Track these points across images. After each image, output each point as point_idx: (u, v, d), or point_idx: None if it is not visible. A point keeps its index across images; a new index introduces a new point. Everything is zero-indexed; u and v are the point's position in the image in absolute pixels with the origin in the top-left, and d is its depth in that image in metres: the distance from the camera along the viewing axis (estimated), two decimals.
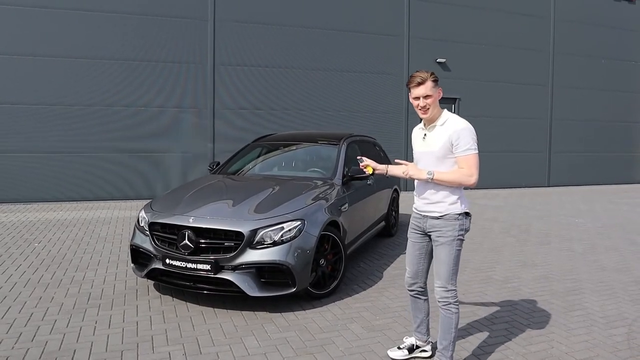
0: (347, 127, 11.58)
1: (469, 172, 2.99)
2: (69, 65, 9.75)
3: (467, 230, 3.13)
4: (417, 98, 3.07)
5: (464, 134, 2.99)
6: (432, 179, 3.03)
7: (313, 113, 11.62)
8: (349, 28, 11.83)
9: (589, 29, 14.67)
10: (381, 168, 3.31)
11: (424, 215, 3.19)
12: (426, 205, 3.17)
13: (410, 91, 3.11)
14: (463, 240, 3.12)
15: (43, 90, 9.63)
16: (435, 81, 3.07)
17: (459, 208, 3.08)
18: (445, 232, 3.08)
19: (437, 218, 3.11)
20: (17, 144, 9.52)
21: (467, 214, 3.12)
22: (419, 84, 3.04)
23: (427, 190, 3.14)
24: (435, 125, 3.12)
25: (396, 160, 3.37)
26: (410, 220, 3.34)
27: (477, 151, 3.01)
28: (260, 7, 11.01)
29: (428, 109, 3.06)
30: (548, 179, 14.47)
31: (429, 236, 3.19)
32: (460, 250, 3.10)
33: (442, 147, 3.04)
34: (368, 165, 3.32)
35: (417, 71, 3.12)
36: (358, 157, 3.44)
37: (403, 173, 3.13)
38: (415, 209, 3.27)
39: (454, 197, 3.08)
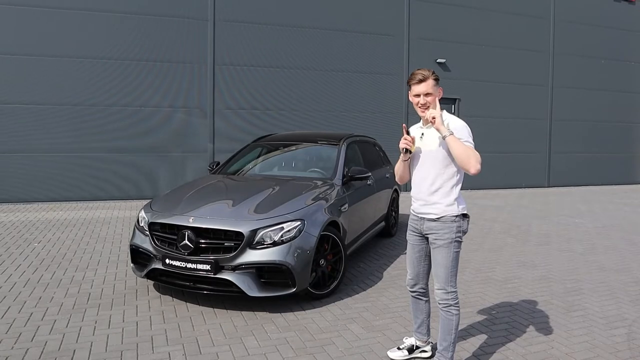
0: (346, 127, 11.57)
1: (473, 153, 2.87)
2: (69, 65, 9.74)
3: (464, 232, 3.10)
4: (418, 95, 3.05)
5: (462, 130, 2.97)
6: (450, 134, 2.83)
7: (313, 113, 11.62)
8: (349, 28, 11.82)
9: (588, 30, 14.67)
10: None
11: (420, 217, 3.17)
12: (423, 206, 3.14)
13: (410, 88, 3.09)
14: (461, 242, 3.09)
15: (43, 90, 9.61)
16: (437, 80, 3.05)
17: (455, 210, 3.05)
18: (442, 234, 3.05)
19: (434, 220, 3.08)
20: (17, 144, 9.51)
21: (464, 216, 3.10)
22: (420, 81, 3.02)
23: (424, 191, 3.11)
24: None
25: (405, 128, 3.09)
26: (408, 222, 3.32)
27: (473, 147, 2.95)
28: (260, 7, 11.01)
29: (428, 107, 3.05)
30: (548, 179, 14.46)
31: (427, 238, 3.18)
32: (458, 252, 3.08)
33: (440, 145, 3.02)
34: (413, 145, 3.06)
35: (418, 69, 3.10)
36: (405, 128, 3.06)
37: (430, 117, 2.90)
38: (413, 210, 3.25)
39: (451, 198, 3.05)
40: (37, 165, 9.63)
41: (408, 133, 3.07)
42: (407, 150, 3.07)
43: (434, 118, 2.92)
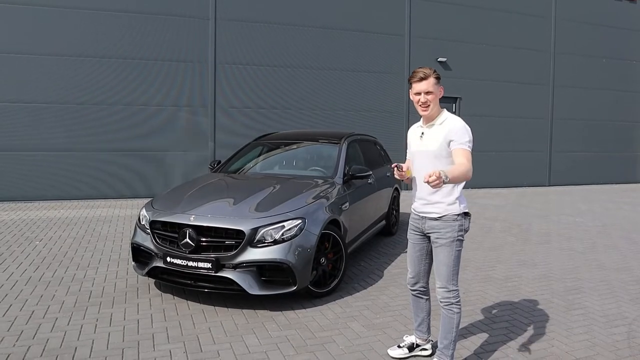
0: (347, 126, 11.58)
1: (468, 164, 2.88)
2: (69, 63, 9.75)
3: (466, 231, 3.11)
4: (419, 94, 3.05)
5: (461, 132, 2.97)
6: (448, 180, 2.73)
7: (314, 112, 11.63)
8: (350, 27, 11.83)
9: (590, 29, 14.66)
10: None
11: (422, 217, 3.17)
12: (424, 206, 3.15)
13: (411, 86, 3.09)
14: (463, 240, 3.10)
15: (44, 89, 9.63)
16: (438, 78, 3.05)
17: (457, 208, 3.06)
18: (444, 233, 3.06)
19: (436, 219, 3.08)
20: (18, 143, 9.52)
21: (466, 214, 3.10)
22: (421, 79, 3.02)
23: (424, 190, 3.11)
24: (433, 124, 3.10)
25: (393, 165, 3.24)
26: (409, 221, 3.33)
27: (470, 150, 2.97)
28: (261, 5, 11.01)
29: (429, 105, 3.04)
30: (549, 178, 14.46)
31: (429, 237, 3.18)
32: (460, 250, 3.08)
33: (439, 146, 3.01)
34: (408, 170, 3.20)
35: (420, 67, 3.11)
36: (393, 165, 3.18)
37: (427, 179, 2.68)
38: (414, 209, 3.26)
39: (452, 198, 3.05)
40: (38, 163, 9.64)
41: (400, 167, 3.14)
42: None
43: (430, 180, 2.65)
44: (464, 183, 3.08)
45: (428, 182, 2.65)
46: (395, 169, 3.13)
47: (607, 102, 15.06)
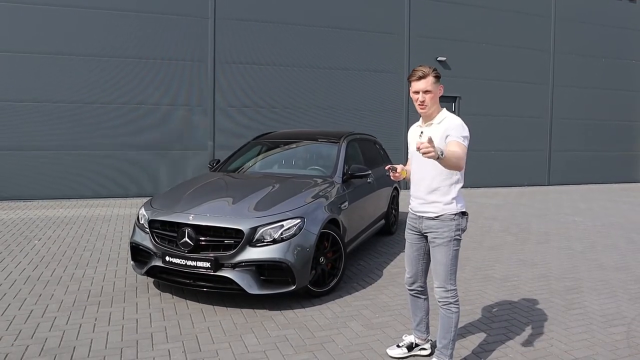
0: (347, 125, 11.57)
1: (462, 154, 2.85)
2: (69, 62, 9.74)
3: (463, 230, 3.10)
4: (417, 92, 3.04)
5: (458, 128, 2.96)
6: (443, 155, 2.69)
7: (313, 111, 11.62)
8: (349, 26, 11.82)
9: (589, 28, 14.66)
10: (407, 169, 3.29)
11: (419, 216, 3.17)
12: (421, 205, 3.14)
13: (410, 85, 3.08)
14: (460, 239, 3.09)
15: (42, 88, 9.61)
16: (437, 77, 3.05)
17: (454, 208, 3.05)
18: (441, 233, 3.05)
19: (433, 219, 3.08)
20: (16, 142, 9.51)
21: (463, 214, 3.09)
22: (420, 77, 3.02)
23: (422, 190, 3.11)
24: (432, 123, 3.09)
25: (387, 167, 3.27)
26: (407, 221, 3.33)
27: (466, 146, 2.93)
28: (260, 4, 11.00)
29: (427, 104, 3.05)
30: (548, 177, 14.47)
31: (426, 237, 3.18)
32: (457, 250, 3.08)
33: (437, 145, 3.00)
34: (403, 170, 3.24)
35: (419, 65, 3.11)
36: (387, 167, 3.23)
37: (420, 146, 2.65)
38: (411, 209, 3.26)
39: (449, 197, 3.05)
40: (37, 162, 9.62)
41: (394, 169, 3.19)
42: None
43: (421, 146, 2.62)
44: (461, 183, 3.08)
45: (418, 149, 2.63)
46: (390, 170, 3.17)
47: (607, 101, 15.06)
